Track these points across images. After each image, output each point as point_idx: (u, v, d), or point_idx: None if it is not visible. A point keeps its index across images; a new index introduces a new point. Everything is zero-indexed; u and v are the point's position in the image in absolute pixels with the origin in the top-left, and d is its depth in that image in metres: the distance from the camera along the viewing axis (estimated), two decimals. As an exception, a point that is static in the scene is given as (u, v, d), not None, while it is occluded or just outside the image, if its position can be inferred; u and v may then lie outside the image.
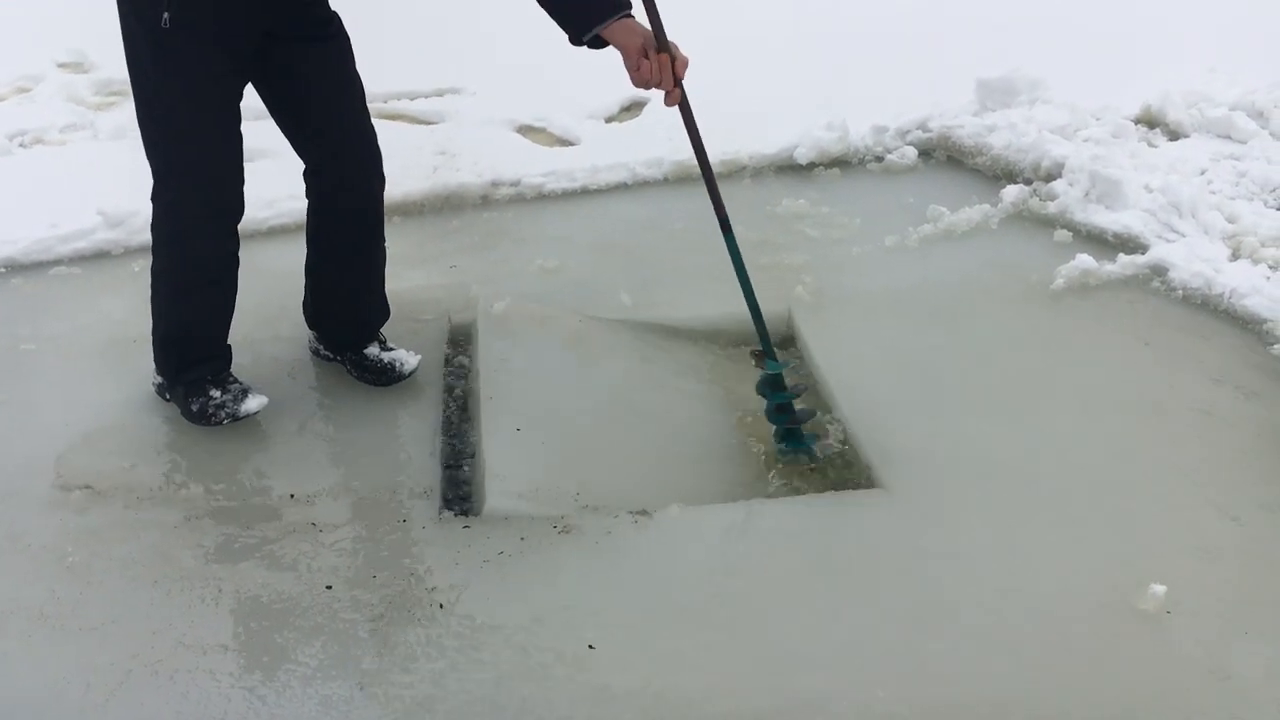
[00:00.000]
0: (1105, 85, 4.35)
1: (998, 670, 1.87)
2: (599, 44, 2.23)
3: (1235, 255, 3.14)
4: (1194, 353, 2.74)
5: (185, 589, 2.11)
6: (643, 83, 2.23)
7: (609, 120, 4.63)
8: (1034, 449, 2.42)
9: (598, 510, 2.26)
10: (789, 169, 3.99)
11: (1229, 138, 3.99)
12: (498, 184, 3.90)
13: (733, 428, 2.61)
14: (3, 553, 2.22)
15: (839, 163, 4.00)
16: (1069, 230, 3.37)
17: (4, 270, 3.40)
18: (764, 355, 2.50)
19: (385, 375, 2.69)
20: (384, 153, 2.56)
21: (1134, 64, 4.68)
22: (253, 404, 2.53)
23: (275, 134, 2.53)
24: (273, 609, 2.05)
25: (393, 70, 5.07)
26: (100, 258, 3.46)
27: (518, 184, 3.90)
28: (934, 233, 3.42)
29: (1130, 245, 3.23)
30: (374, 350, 2.71)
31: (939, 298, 3.05)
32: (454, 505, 2.35)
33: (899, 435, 2.46)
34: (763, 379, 2.51)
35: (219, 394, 2.52)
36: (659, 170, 3.95)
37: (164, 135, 2.34)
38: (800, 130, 4.06)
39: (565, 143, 4.43)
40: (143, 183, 2.43)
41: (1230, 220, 3.31)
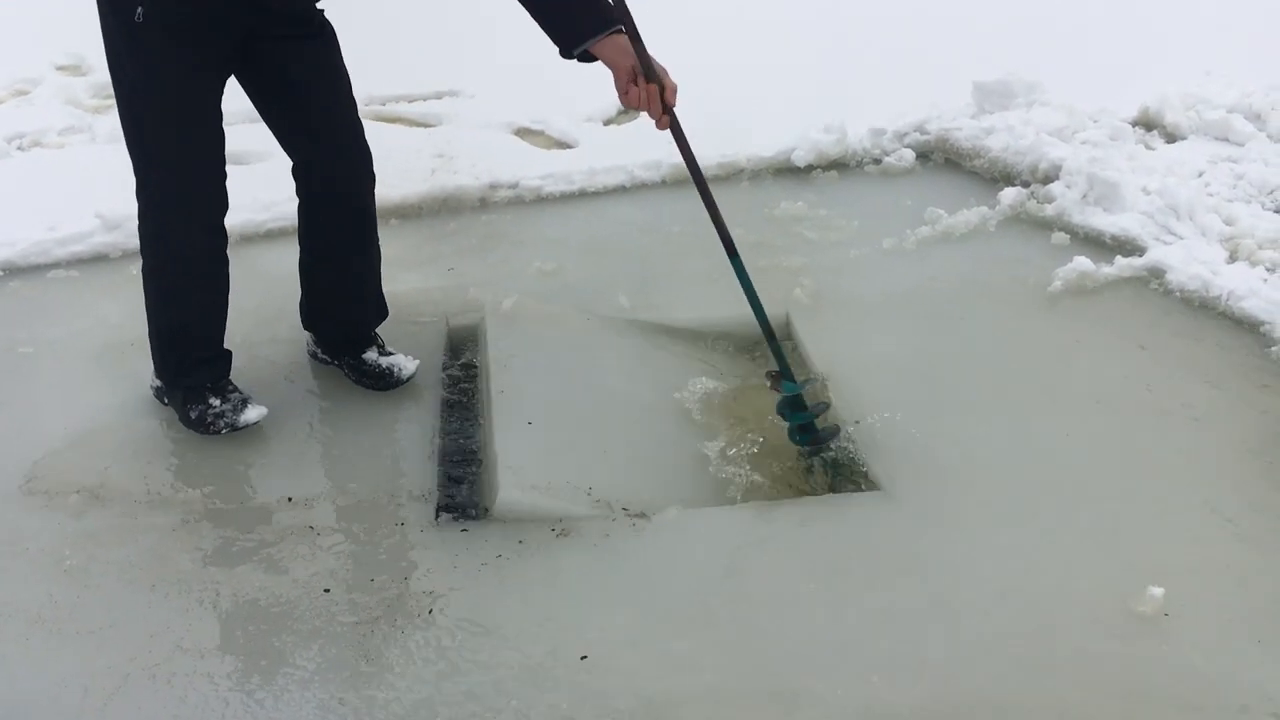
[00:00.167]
0: (1103, 88, 4.36)
1: (997, 671, 1.87)
2: (589, 59, 2.22)
3: (1233, 257, 3.14)
4: (1191, 355, 2.75)
5: (183, 592, 2.11)
6: (631, 106, 2.24)
7: (607, 123, 4.64)
8: (1032, 451, 2.42)
9: (598, 511, 2.26)
10: (787, 171, 4.00)
11: (1226, 140, 3.99)
12: (496, 186, 3.90)
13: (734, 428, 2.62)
14: (0, 556, 2.22)
15: (837, 165, 4.01)
16: (1067, 232, 3.37)
17: (1, 273, 3.40)
18: (780, 376, 2.46)
19: (383, 380, 2.69)
20: (382, 156, 2.56)
21: (1131, 66, 4.69)
22: (252, 414, 2.52)
23: (272, 137, 2.52)
24: (270, 612, 2.05)
25: (391, 73, 5.10)
26: (98, 261, 3.46)
27: (516, 186, 3.91)
28: (932, 235, 3.42)
29: (1128, 247, 3.23)
30: (372, 355, 2.71)
31: (937, 300, 3.05)
32: (453, 509, 2.35)
33: (897, 437, 2.46)
34: (782, 400, 2.46)
35: (219, 403, 2.51)
36: (657, 173, 3.96)
37: (141, 130, 2.32)
38: (798, 133, 4.06)
39: (563, 145, 4.43)
40: (140, 185, 2.43)
41: (1228, 222, 3.32)
